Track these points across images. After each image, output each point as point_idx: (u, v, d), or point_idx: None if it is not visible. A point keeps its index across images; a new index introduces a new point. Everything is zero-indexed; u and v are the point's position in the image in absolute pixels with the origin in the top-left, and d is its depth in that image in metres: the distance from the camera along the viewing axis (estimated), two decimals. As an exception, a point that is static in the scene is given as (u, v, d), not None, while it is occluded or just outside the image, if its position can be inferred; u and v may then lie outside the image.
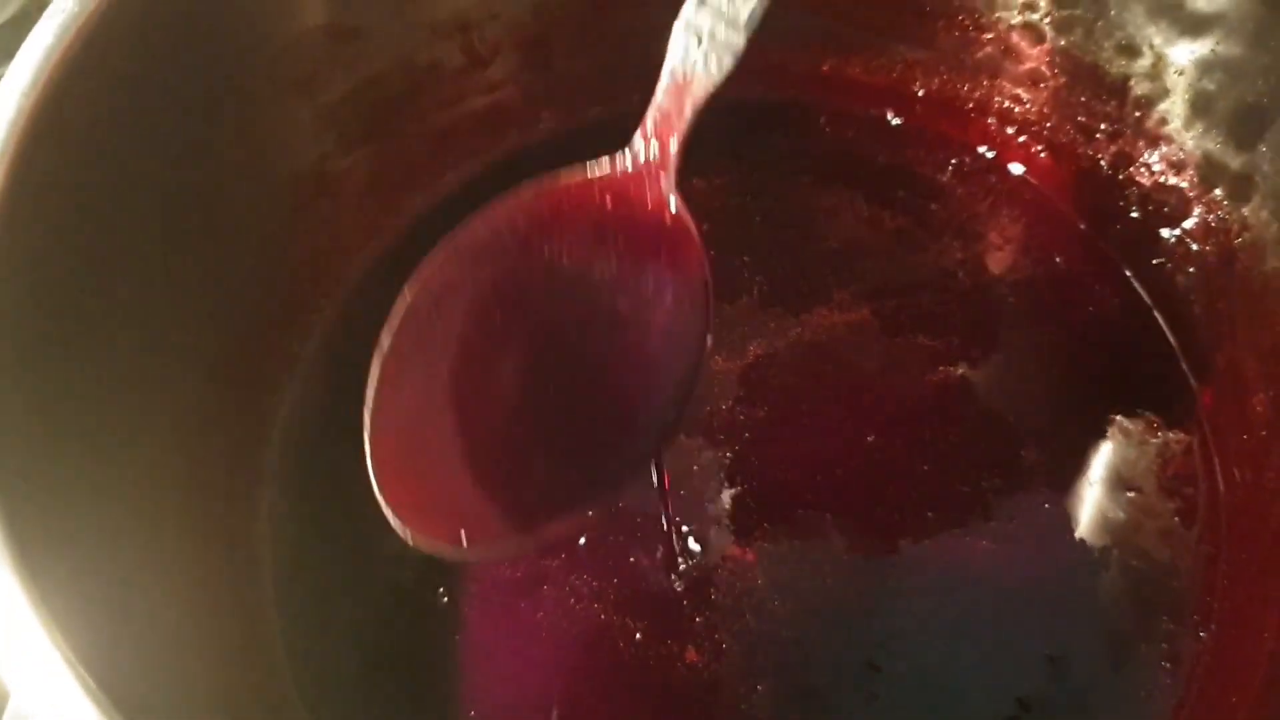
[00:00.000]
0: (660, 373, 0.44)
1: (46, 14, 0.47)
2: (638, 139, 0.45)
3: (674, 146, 0.44)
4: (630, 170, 0.45)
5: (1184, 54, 0.63)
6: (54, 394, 0.48)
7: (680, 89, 0.43)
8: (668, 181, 0.44)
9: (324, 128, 0.64)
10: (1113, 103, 0.68)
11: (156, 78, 0.52)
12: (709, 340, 0.44)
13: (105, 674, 0.39)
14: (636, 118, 0.75)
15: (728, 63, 0.43)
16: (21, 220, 0.46)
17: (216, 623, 0.55)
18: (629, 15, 0.72)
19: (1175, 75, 0.64)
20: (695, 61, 0.43)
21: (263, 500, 0.63)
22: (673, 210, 0.44)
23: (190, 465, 0.57)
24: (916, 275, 0.69)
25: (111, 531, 0.49)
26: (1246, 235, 0.63)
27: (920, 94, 0.75)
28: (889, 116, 0.75)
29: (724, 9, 0.43)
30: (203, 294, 0.59)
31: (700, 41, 0.43)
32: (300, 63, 0.59)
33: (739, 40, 0.43)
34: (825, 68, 0.75)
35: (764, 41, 0.74)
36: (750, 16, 0.43)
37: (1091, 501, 0.61)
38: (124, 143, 0.51)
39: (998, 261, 0.71)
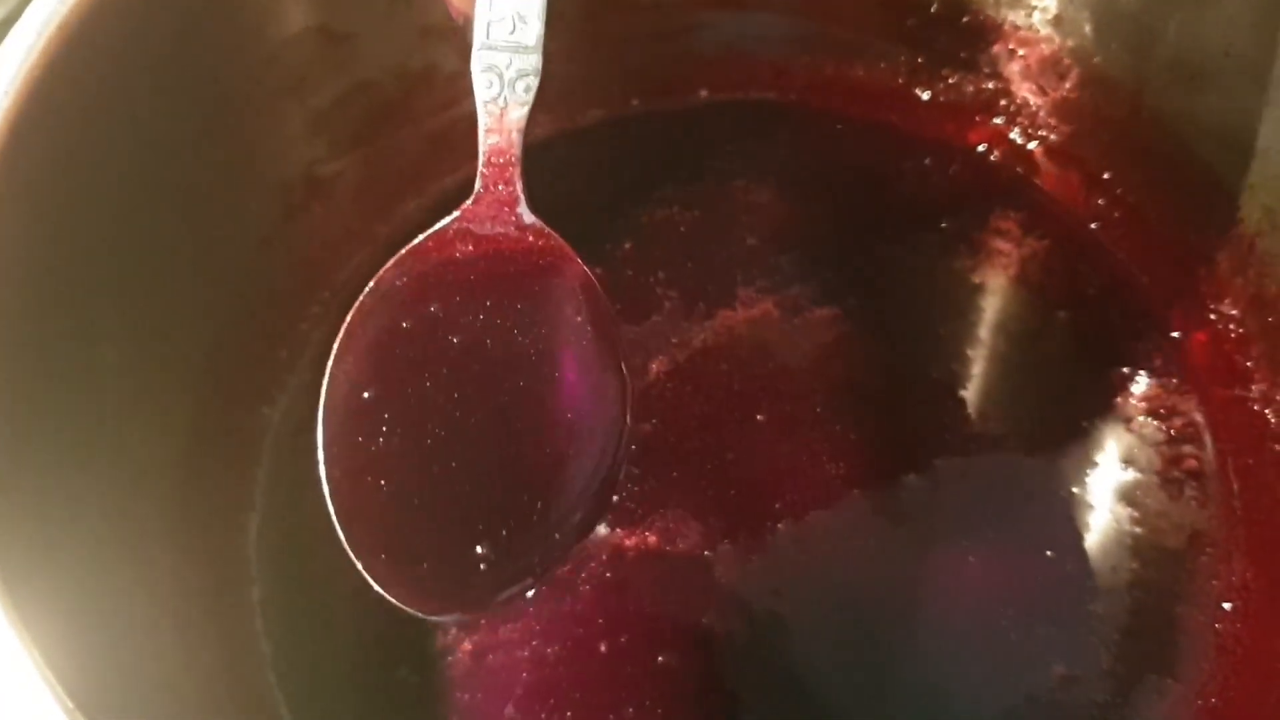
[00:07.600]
0: (584, 413, 0.45)
1: (29, 10, 0.45)
2: (479, 180, 0.47)
3: (515, 174, 0.47)
4: (487, 209, 0.47)
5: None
6: (37, 405, 0.46)
7: (499, 120, 0.46)
8: (524, 207, 0.47)
9: (315, 132, 0.62)
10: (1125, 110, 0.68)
11: (142, 80, 0.51)
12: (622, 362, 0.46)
13: (84, 692, 0.38)
14: (633, 121, 0.75)
15: (533, 83, 0.46)
16: (4, 222, 0.44)
17: (203, 642, 0.54)
18: (624, 19, 0.72)
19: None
20: (503, 94, 0.46)
21: (252, 517, 0.61)
22: (535, 234, 0.47)
23: (177, 479, 0.56)
24: (925, 280, 0.69)
25: (95, 546, 0.48)
26: (1260, 243, 0.63)
27: (925, 97, 0.74)
28: (894, 120, 0.74)
29: (510, 39, 0.45)
30: (191, 302, 0.57)
31: (501, 74, 0.45)
32: (290, 66, 0.58)
33: (534, 60, 0.45)
34: (829, 71, 0.74)
35: (767, 45, 0.74)
36: (537, 38, 0.45)
37: (1101, 516, 0.61)
38: (108, 147, 0.50)
39: (1005, 267, 0.69)
